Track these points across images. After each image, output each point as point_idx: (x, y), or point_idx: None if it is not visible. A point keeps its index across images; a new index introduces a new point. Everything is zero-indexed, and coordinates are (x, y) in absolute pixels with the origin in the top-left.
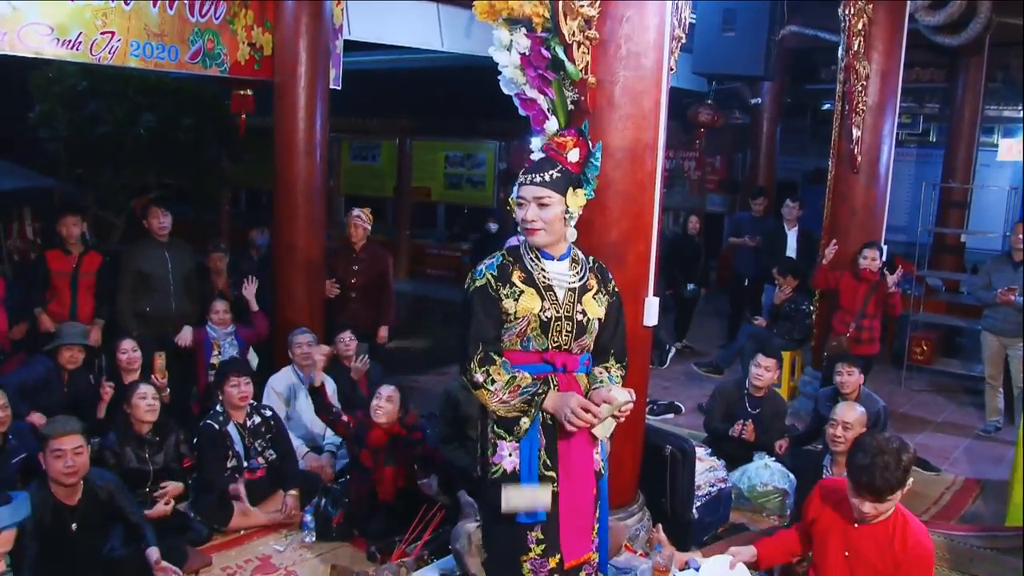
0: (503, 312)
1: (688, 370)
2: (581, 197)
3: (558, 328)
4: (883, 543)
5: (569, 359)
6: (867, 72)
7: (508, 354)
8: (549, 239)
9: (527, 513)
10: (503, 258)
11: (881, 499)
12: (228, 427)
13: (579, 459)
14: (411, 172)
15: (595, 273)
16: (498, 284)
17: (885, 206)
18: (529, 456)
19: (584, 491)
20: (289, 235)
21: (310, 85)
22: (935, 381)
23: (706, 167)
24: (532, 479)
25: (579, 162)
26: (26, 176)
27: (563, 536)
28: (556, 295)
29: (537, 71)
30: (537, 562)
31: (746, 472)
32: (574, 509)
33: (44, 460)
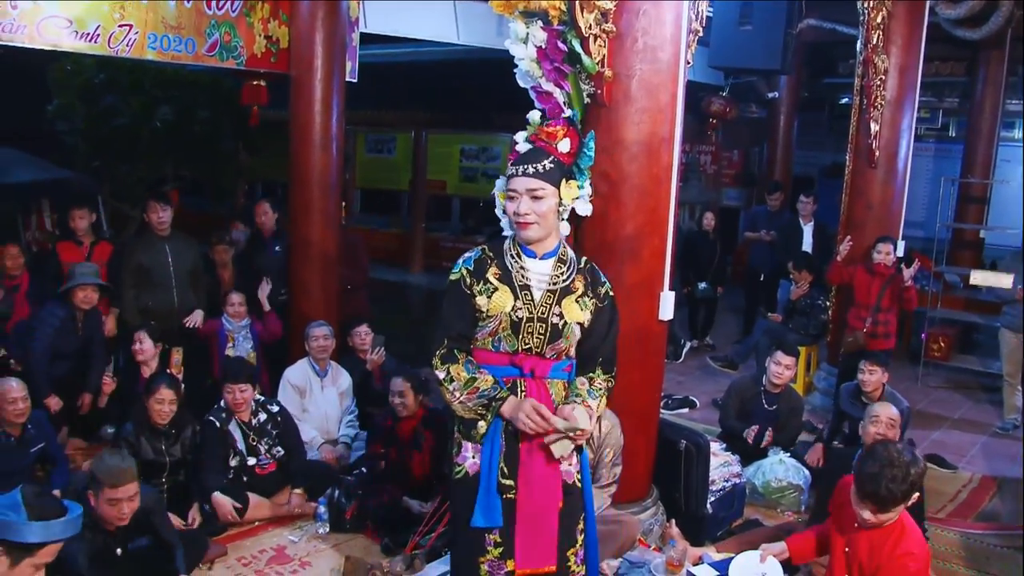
0: (476, 309)
1: (703, 364)
2: (574, 188)
3: (530, 330)
4: (876, 545)
5: (539, 364)
6: (886, 66)
7: (478, 353)
8: (542, 233)
9: (485, 518)
10: (482, 252)
11: (883, 510)
12: (230, 425)
13: (541, 470)
14: (426, 165)
15: (584, 275)
16: (472, 280)
17: (903, 201)
18: (490, 461)
19: (546, 503)
20: (304, 228)
21: (326, 78)
22: (952, 378)
23: (722, 161)
24: (492, 484)
25: (571, 152)
26: (44, 168)
27: (518, 544)
28: (532, 295)
29: (553, 64)
30: (494, 563)
31: (761, 467)
32: (533, 520)
33: (95, 502)
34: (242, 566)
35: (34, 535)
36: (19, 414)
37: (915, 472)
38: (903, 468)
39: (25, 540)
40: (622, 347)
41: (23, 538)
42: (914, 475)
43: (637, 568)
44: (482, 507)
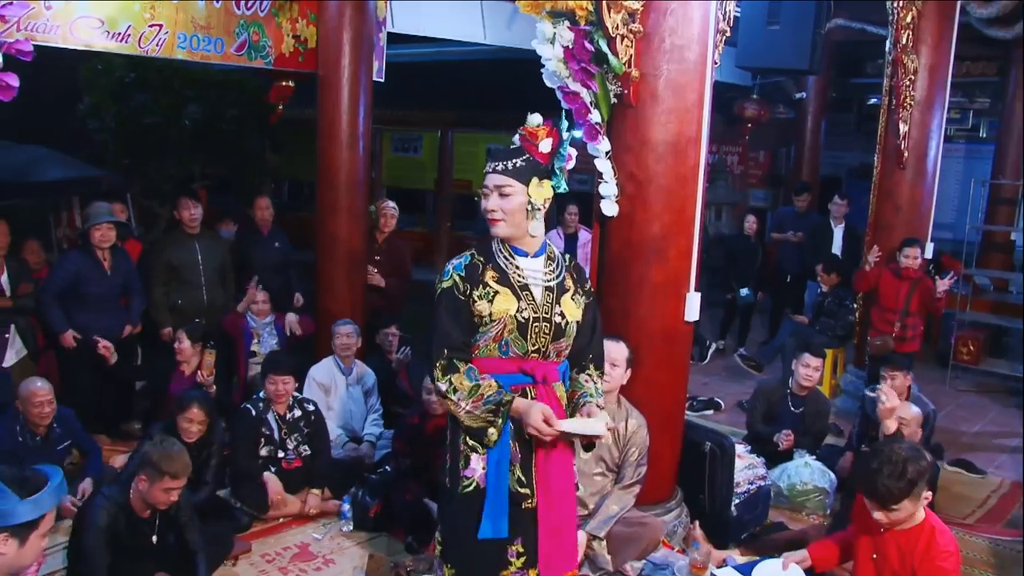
0: (476, 315)
1: (728, 365)
2: (547, 189)
3: (536, 330)
4: (906, 550)
5: (549, 369)
6: (915, 66)
7: (485, 362)
8: (510, 231)
9: (493, 528)
10: (472, 257)
11: (886, 507)
12: (267, 415)
13: (558, 476)
14: (452, 164)
15: (571, 272)
16: (466, 285)
17: (932, 203)
18: (497, 469)
19: (565, 509)
20: (331, 226)
21: (353, 77)
22: (981, 382)
23: (749, 162)
24: (500, 494)
25: (550, 152)
26: (75, 166)
27: (542, 552)
28: (533, 295)
29: (580, 64)
30: (517, 575)
31: (786, 470)
32: (554, 527)
33: (145, 487)
34: (266, 563)
35: (28, 513)
36: (44, 417)
37: (913, 468)
38: (899, 464)
39: (21, 521)
40: (647, 347)
41: (19, 519)
42: (912, 472)
43: (661, 570)
44: (490, 517)
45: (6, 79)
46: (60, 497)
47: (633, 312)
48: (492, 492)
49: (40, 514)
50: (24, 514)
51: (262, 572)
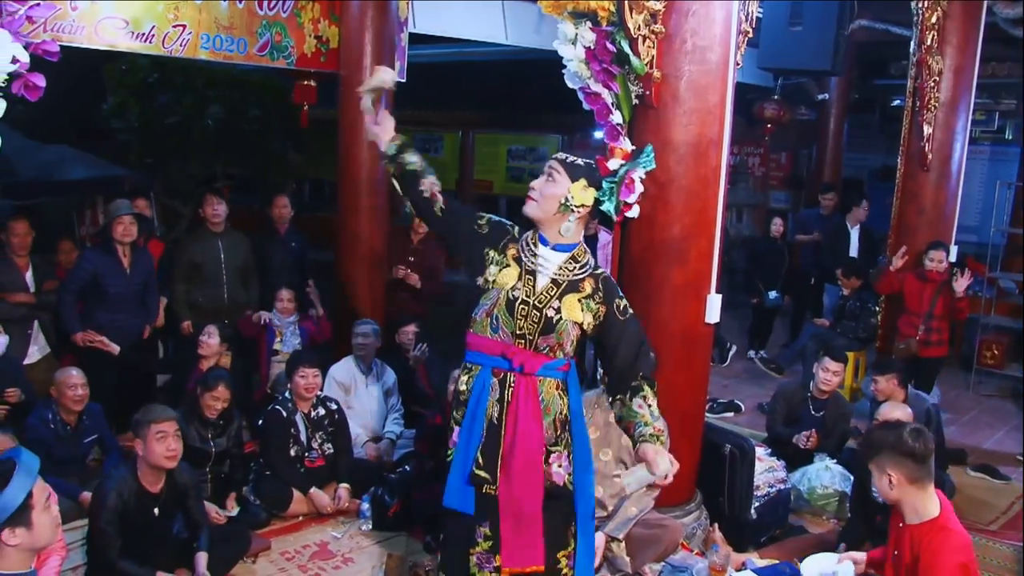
0: (485, 277)
1: (749, 368)
2: (589, 195)
3: (523, 313)
4: (916, 542)
5: (530, 358)
6: (940, 67)
7: (474, 337)
8: (538, 214)
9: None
10: (509, 227)
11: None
12: (296, 416)
13: (522, 468)
14: (473, 165)
15: (596, 281)
16: (489, 229)
17: (956, 205)
18: (466, 443)
19: (528, 502)
20: (353, 225)
21: None
22: (1005, 386)
23: (771, 163)
24: (462, 468)
25: (614, 170)
26: (99, 165)
27: (503, 539)
28: (535, 281)
29: (602, 65)
30: (483, 556)
31: (806, 474)
32: (516, 518)
33: (143, 446)
34: (285, 560)
35: (13, 501)
36: (78, 400)
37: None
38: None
39: (12, 511)
40: (668, 349)
41: (9, 511)
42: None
43: (679, 572)
44: (451, 487)
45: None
46: (34, 468)
47: (654, 314)
48: (455, 464)
49: (25, 494)
50: (10, 504)
51: (281, 570)
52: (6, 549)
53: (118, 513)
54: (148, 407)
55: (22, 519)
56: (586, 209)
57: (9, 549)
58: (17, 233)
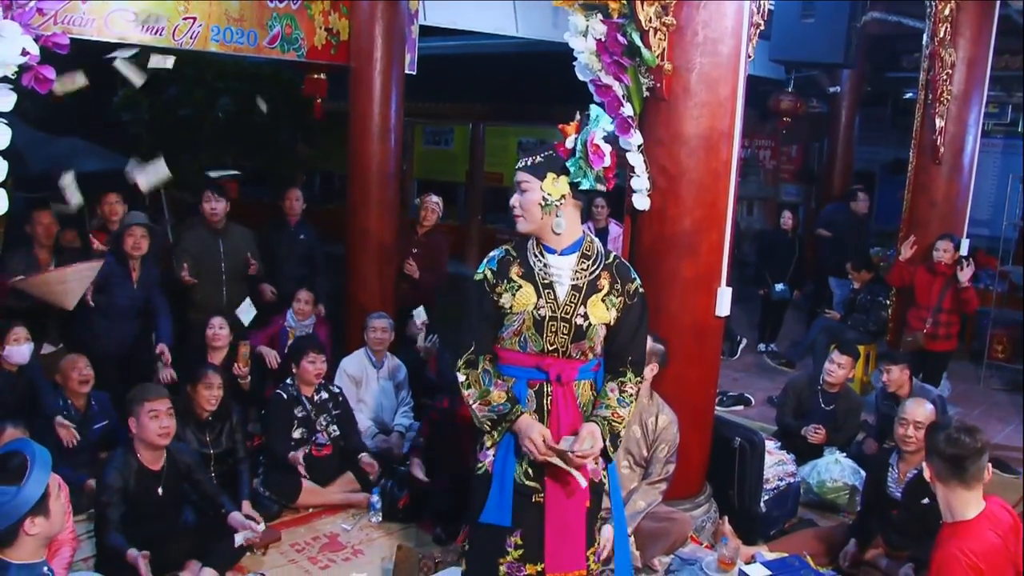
0: (500, 308)
1: (759, 362)
2: (562, 184)
3: (553, 329)
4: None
5: (566, 368)
6: (953, 60)
7: (506, 353)
8: (530, 226)
9: (494, 515)
10: (506, 252)
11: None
12: (301, 398)
13: (569, 473)
14: (484, 157)
15: (611, 272)
16: (496, 279)
17: (968, 199)
18: (504, 458)
19: (574, 504)
20: (362, 218)
21: (385, 70)
22: (1016, 380)
23: (782, 156)
24: (504, 483)
25: (572, 148)
26: (110, 158)
27: (548, 548)
28: (555, 293)
29: (613, 57)
30: (513, 566)
31: (816, 467)
32: (561, 521)
33: (137, 423)
34: (295, 552)
35: (35, 494)
36: (84, 382)
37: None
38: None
39: (34, 503)
40: (678, 342)
41: (32, 502)
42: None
43: (689, 565)
44: (493, 503)
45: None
46: (48, 460)
47: (664, 307)
48: (497, 479)
49: (44, 485)
50: (32, 496)
51: (292, 561)
52: (25, 539)
53: (120, 493)
54: (141, 386)
55: (41, 508)
56: (568, 198)
57: (27, 539)
58: (42, 223)
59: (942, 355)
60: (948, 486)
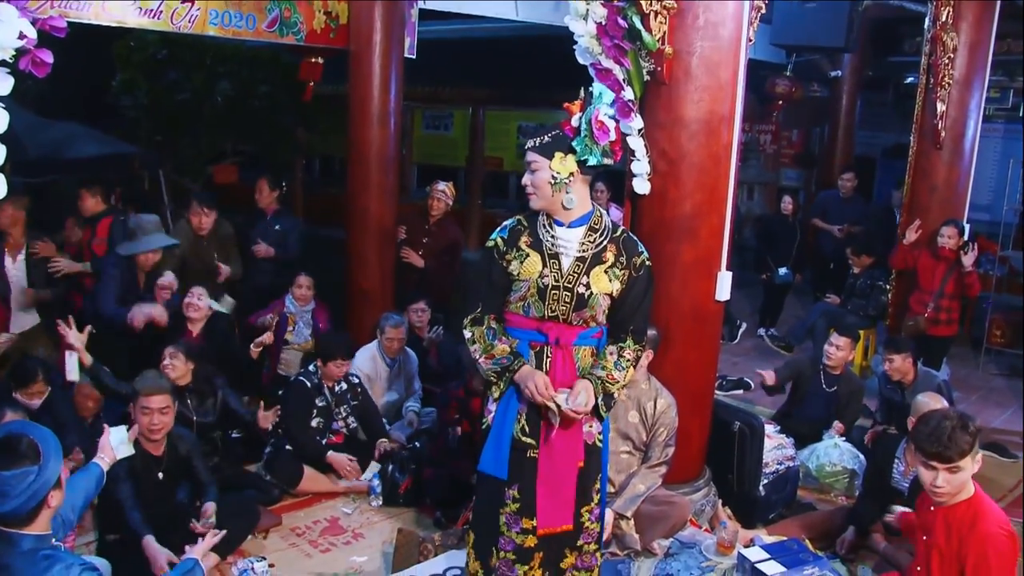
0: (509, 274)
1: (758, 346)
2: (570, 162)
3: (555, 297)
4: (952, 525)
5: (565, 331)
6: (955, 44)
7: (512, 316)
8: (542, 204)
9: (490, 466)
10: (518, 222)
11: (952, 463)
12: (323, 388)
13: (563, 431)
14: (484, 142)
15: (618, 245)
16: (506, 247)
17: (969, 184)
18: (504, 412)
19: (566, 463)
20: (362, 203)
21: (385, 54)
22: (1015, 365)
23: (782, 141)
24: (501, 436)
25: (578, 128)
26: (108, 143)
27: (539, 504)
28: (560, 264)
29: (613, 41)
30: (512, 517)
31: (815, 451)
32: (553, 479)
33: (133, 413)
34: (296, 536)
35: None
36: (91, 411)
37: (972, 425)
38: (959, 418)
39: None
40: (678, 326)
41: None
42: (972, 427)
43: (688, 548)
44: (489, 454)
45: (40, 55)
46: (55, 438)
47: (664, 291)
48: (495, 432)
49: (61, 466)
50: (55, 473)
51: (292, 545)
52: (45, 512)
53: (127, 471)
54: (145, 375)
55: (58, 482)
56: (576, 175)
57: (46, 512)
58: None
59: (943, 340)
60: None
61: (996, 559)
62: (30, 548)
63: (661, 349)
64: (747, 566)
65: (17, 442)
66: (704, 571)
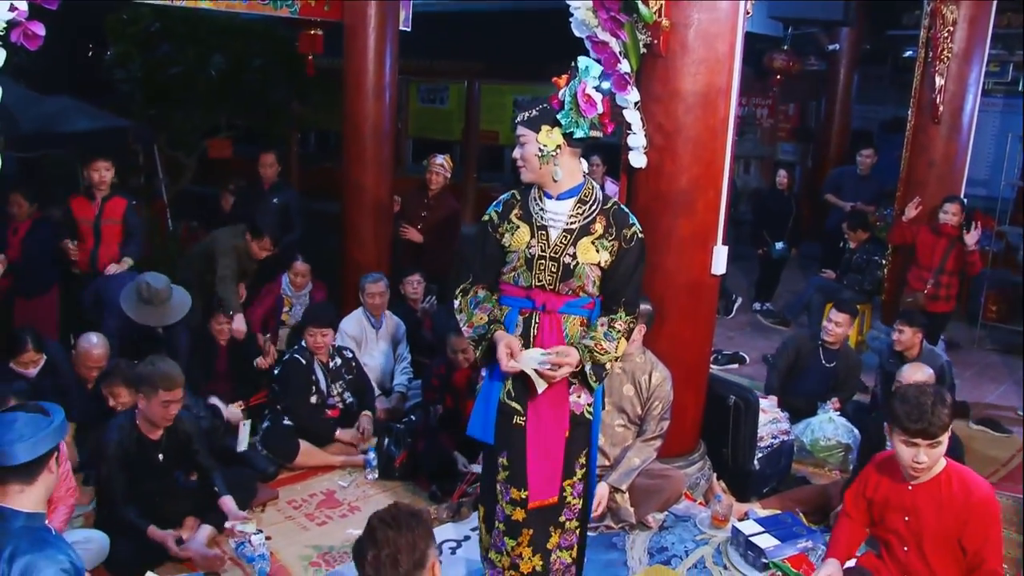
0: (502, 247)
1: (754, 320)
2: (556, 135)
3: (542, 267)
4: (940, 499)
5: (551, 299)
6: (955, 17)
7: (504, 285)
8: (532, 176)
9: (476, 429)
10: (512, 195)
11: (934, 439)
12: (314, 365)
13: (549, 399)
14: (479, 115)
15: (607, 217)
16: (499, 220)
17: (967, 158)
18: (489, 384)
19: (553, 432)
20: (357, 176)
21: (380, 27)
22: (1009, 341)
23: (779, 115)
24: (487, 400)
25: (562, 101)
26: (102, 117)
27: (530, 476)
28: (548, 235)
29: (610, 13)
30: (504, 486)
31: (810, 425)
32: (542, 448)
33: (147, 402)
34: (292, 509)
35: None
36: (95, 372)
37: (949, 398)
38: (937, 394)
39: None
40: (673, 300)
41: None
42: (949, 400)
43: (682, 522)
44: (477, 418)
45: (32, 28)
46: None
47: (660, 265)
48: (481, 396)
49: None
50: (63, 431)
51: (288, 518)
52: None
53: (121, 461)
54: (157, 364)
55: (58, 454)
56: (563, 148)
57: (41, 483)
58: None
59: (941, 316)
60: None
61: (997, 518)
62: (22, 526)
63: (657, 322)
64: (741, 539)
65: (25, 406)
66: (698, 544)
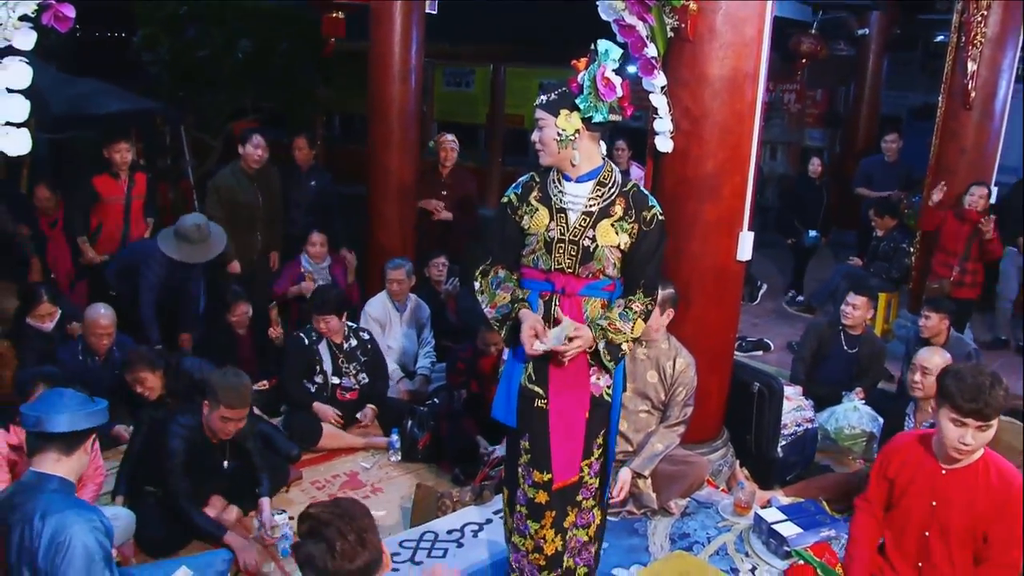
0: (522, 229)
1: (778, 308)
2: (575, 119)
3: (561, 250)
4: (976, 487)
5: (571, 281)
6: (989, 1)
7: (525, 269)
8: (551, 160)
9: (499, 412)
10: (531, 178)
11: (987, 421)
12: (320, 345)
13: (571, 380)
14: (505, 99)
15: (627, 199)
16: (519, 203)
17: (999, 145)
18: (512, 367)
19: (574, 413)
20: (383, 160)
21: (406, 9)
22: None
23: (807, 100)
24: (510, 382)
25: (581, 84)
26: (130, 99)
27: (554, 456)
28: (567, 218)
29: None
30: (526, 469)
31: (834, 413)
32: (563, 429)
33: (209, 412)
34: (316, 489)
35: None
36: (102, 346)
37: (1005, 381)
38: (994, 375)
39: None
40: (699, 285)
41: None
42: (1005, 384)
43: (705, 508)
44: (501, 401)
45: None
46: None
47: (685, 250)
48: (504, 379)
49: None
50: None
51: (312, 498)
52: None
53: (185, 460)
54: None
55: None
56: (582, 132)
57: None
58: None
59: (966, 303)
60: None
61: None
62: (55, 489)
63: (681, 308)
64: (764, 527)
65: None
66: (720, 531)
